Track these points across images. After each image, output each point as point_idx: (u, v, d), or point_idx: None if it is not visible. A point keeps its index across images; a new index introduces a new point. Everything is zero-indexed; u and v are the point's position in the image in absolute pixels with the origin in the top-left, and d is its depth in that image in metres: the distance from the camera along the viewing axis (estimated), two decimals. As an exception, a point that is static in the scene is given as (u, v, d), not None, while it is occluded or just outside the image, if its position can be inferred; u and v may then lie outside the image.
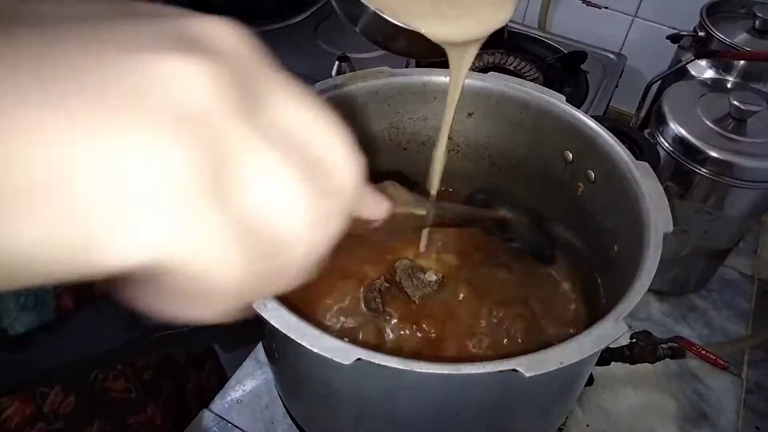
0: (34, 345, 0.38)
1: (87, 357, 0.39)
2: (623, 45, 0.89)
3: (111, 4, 0.16)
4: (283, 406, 0.54)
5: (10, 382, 0.41)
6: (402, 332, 0.48)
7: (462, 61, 0.41)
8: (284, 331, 0.33)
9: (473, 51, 0.41)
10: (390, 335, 0.48)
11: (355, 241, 0.24)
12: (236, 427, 0.55)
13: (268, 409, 0.56)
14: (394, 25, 0.38)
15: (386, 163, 0.57)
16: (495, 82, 0.52)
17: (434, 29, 0.38)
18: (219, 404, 0.56)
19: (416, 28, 0.37)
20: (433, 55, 0.41)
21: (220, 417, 0.55)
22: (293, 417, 0.51)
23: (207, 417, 0.55)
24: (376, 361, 0.32)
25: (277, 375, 0.50)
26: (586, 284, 0.52)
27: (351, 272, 0.51)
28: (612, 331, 0.34)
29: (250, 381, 0.58)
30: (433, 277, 0.51)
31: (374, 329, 0.48)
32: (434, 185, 0.49)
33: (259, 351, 0.60)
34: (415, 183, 0.58)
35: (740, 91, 0.58)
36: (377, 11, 0.38)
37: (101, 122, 0.13)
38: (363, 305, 0.50)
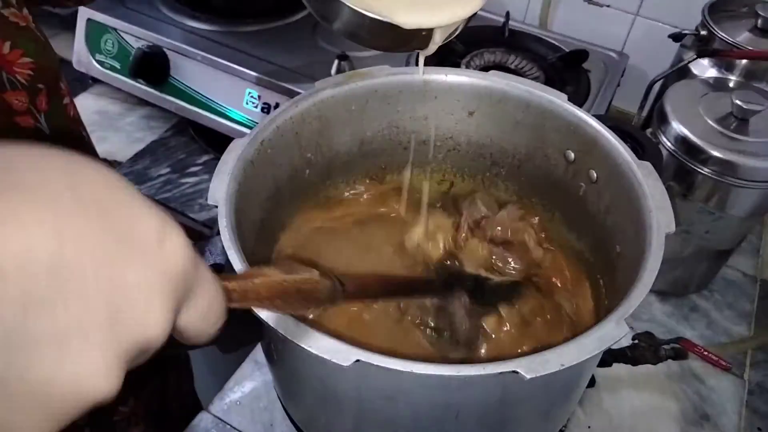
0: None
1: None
2: (625, 43, 0.89)
3: None
4: (282, 408, 0.53)
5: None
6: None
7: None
8: (282, 333, 0.33)
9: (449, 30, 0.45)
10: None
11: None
12: (235, 429, 0.54)
13: (267, 411, 0.55)
14: (371, 19, 0.40)
15: (386, 163, 0.57)
16: (496, 80, 0.52)
17: (404, 18, 0.41)
18: (218, 406, 0.56)
19: (389, 18, 0.40)
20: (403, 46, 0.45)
21: (219, 419, 0.55)
22: (292, 419, 0.51)
23: (205, 419, 0.55)
24: (375, 363, 0.32)
25: (276, 376, 0.49)
26: (587, 285, 0.52)
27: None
28: (614, 332, 0.34)
29: (249, 382, 0.57)
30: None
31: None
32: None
33: (258, 352, 0.60)
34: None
35: (743, 91, 0.58)
36: (352, 6, 0.40)
37: None
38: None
